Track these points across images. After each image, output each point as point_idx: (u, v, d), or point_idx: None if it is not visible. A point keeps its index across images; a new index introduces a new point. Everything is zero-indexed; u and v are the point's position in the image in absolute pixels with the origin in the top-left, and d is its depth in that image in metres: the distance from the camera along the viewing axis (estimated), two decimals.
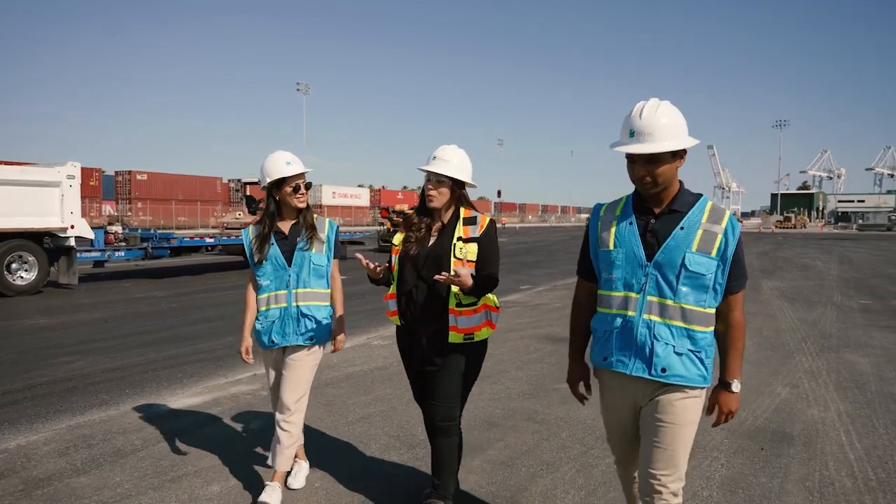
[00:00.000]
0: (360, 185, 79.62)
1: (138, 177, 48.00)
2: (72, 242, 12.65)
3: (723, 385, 2.24)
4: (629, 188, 2.27)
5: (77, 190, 12.88)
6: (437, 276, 2.64)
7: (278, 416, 3.22)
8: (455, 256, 2.81)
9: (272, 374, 3.35)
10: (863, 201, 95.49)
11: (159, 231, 17.40)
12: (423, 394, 3.02)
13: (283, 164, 3.15)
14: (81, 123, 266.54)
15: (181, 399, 5.07)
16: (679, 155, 2.16)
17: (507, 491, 3.39)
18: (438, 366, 2.86)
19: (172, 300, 11.14)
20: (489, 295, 2.90)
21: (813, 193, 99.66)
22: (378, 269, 2.85)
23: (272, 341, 3.20)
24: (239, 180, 56.15)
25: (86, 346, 7.17)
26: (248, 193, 23.13)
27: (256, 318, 3.27)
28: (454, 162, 2.87)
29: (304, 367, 3.23)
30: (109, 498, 3.29)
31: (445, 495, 2.98)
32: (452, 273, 2.65)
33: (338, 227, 3.44)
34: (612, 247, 2.25)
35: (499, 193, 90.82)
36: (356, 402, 4.92)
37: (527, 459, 3.79)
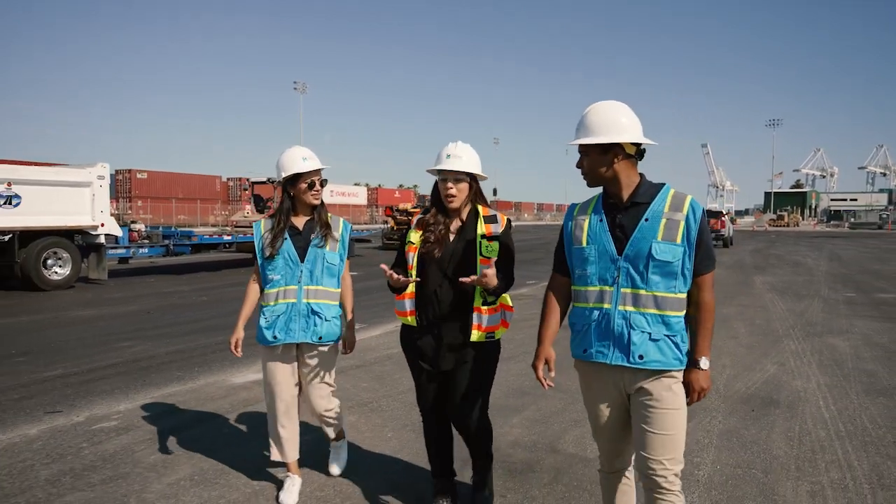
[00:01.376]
0: (356, 184, 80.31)
1: (138, 175, 48.44)
2: (101, 240, 13.35)
3: (692, 363, 2.28)
4: None
5: (106, 190, 13.56)
6: (462, 280, 2.66)
7: (314, 408, 3.33)
8: (481, 254, 2.81)
9: (270, 370, 3.24)
10: (855, 200, 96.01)
11: (180, 229, 18.00)
12: (432, 397, 3.02)
13: (299, 160, 3.14)
14: (80, 123, 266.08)
15: (246, 375, 5.79)
16: (611, 151, 2.25)
17: (545, 440, 4.14)
18: (457, 364, 2.87)
19: (200, 294, 11.83)
20: (504, 294, 2.91)
21: (806, 192, 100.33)
22: (404, 281, 2.81)
23: (276, 337, 3.15)
24: (244, 179, 56.84)
25: (140, 333, 7.87)
26: (255, 192, 23.73)
27: (261, 314, 3.21)
28: (466, 157, 2.85)
29: (324, 365, 3.27)
30: (221, 444, 4.02)
31: (487, 476, 3.17)
32: (480, 274, 2.66)
33: (351, 226, 3.44)
34: (585, 244, 2.34)
35: (494, 192, 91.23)
36: (402, 377, 5.66)
37: (558, 418, 4.55)
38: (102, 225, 13.28)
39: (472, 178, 2.89)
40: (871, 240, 36.29)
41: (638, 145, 2.29)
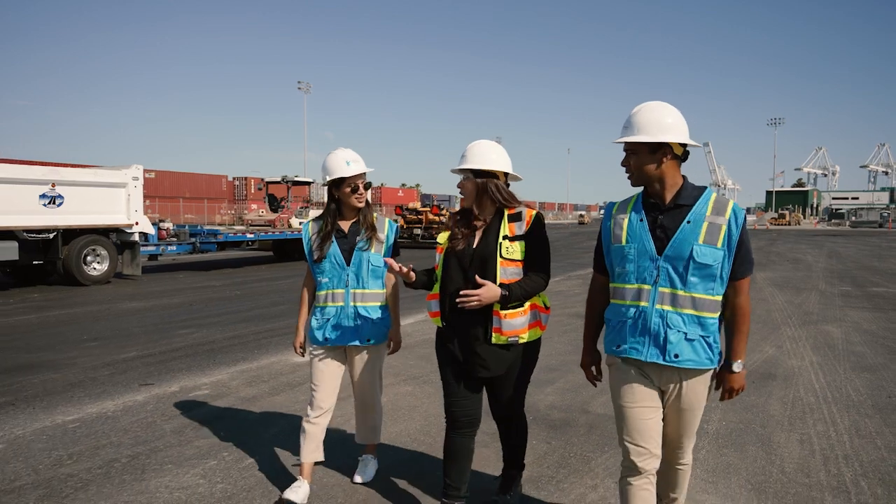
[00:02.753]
0: None
1: (147, 175, 48.94)
2: (136, 237, 14.10)
3: (726, 366, 2.37)
4: (625, 185, 2.39)
5: (140, 190, 14.29)
6: (458, 300, 2.66)
7: (360, 409, 3.46)
8: (501, 256, 2.75)
9: (319, 370, 3.27)
10: (857, 198, 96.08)
11: (206, 227, 18.75)
12: (457, 397, 2.89)
13: (342, 164, 3.15)
14: (85, 121, 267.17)
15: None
16: (660, 151, 2.27)
17: (577, 404, 4.86)
18: (490, 370, 2.80)
19: (232, 289, 12.52)
20: (541, 295, 2.86)
21: (807, 191, 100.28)
22: (409, 272, 2.78)
23: (326, 338, 3.22)
24: (249, 178, 57.69)
25: (193, 322, 8.59)
26: (269, 192, 24.39)
27: (313, 315, 3.30)
28: (470, 155, 2.82)
29: (371, 366, 3.33)
30: (300, 410, 4.75)
31: (522, 464, 3.18)
32: (474, 295, 2.63)
33: (398, 227, 3.43)
34: (624, 242, 2.37)
35: None
36: None
37: (586, 388, 5.27)
38: (137, 223, 14.02)
39: (482, 175, 2.79)
40: (872, 238, 36.96)
41: (684, 146, 2.33)
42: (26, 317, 9.14)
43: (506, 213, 2.83)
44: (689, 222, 2.26)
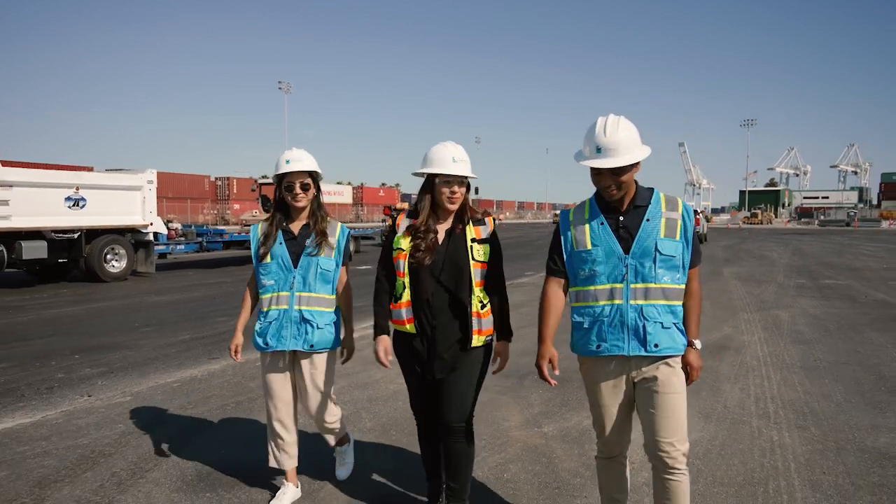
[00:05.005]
0: (339, 183, 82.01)
1: None
2: (150, 237, 15.08)
3: (689, 345, 2.51)
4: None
5: (154, 192, 15.25)
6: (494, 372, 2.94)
7: (315, 417, 3.29)
8: (473, 259, 2.83)
9: (266, 377, 3.22)
10: (827, 198, 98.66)
11: (212, 227, 19.70)
12: (426, 401, 2.99)
13: (282, 162, 3.09)
14: (85, 121, 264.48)
15: None
16: (635, 165, 2.42)
17: (571, 367, 6.06)
18: (451, 371, 2.85)
19: (242, 285, 13.55)
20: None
21: (779, 190, 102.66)
22: (388, 356, 2.93)
23: (267, 343, 3.12)
24: (231, 178, 58.31)
25: (223, 312, 9.64)
26: (262, 193, 25.27)
27: (258, 319, 3.20)
28: (468, 160, 2.87)
29: (320, 376, 3.20)
30: (342, 376, 5.89)
31: (464, 498, 3.02)
32: (498, 365, 2.96)
33: (349, 232, 3.35)
34: (590, 246, 2.48)
35: (476, 190, 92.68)
36: None
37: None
38: (151, 224, 14.99)
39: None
40: (837, 236, 38.80)
41: None
42: (70, 309, 10.15)
43: (468, 216, 2.90)
44: (647, 220, 2.45)
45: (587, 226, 2.52)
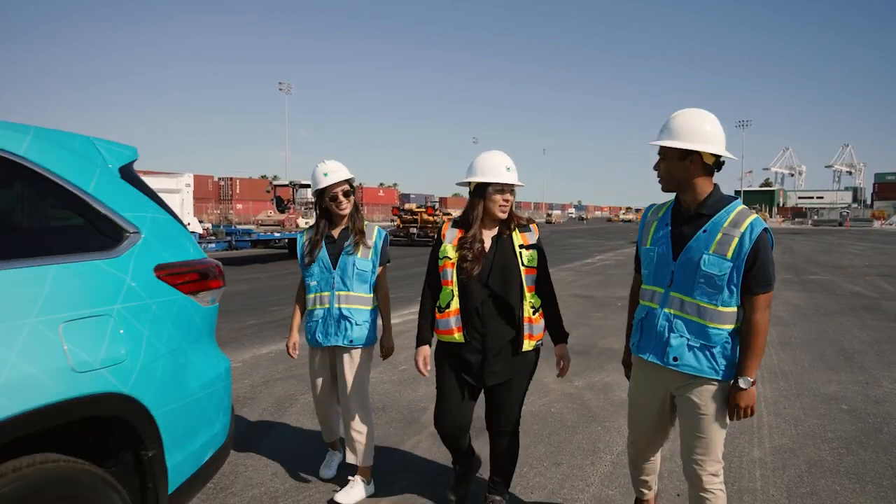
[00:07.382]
0: None
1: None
2: None
3: (735, 379, 2.30)
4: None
5: (191, 195, 16.53)
6: (560, 376, 2.95)
7: (344, 419, 3.41)
8: (523, 265, 2.85)
9: (316, 372, 3.50)
10: (821, 198, 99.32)
11: (240, 227, 20.81)
12: (457, 419, 2.97)
13: (321, 176, 3.28)
14: (85, 121, 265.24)
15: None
16: (689, 158, 2.26)
17: (589, 342, 7.33)
18: (508, 380, 2.89)
19: (279, 279, 14.56)
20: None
21: (774, 190, 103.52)
22: (427, 364, 3.01)
23: (316, 340, 3.38)
24: (270, 181, 58.95)
25: (275, 302, 10.77)
26: (277, 195, 26.29)
27: (305, 318, 3.45)
28: (516, 168, 2.91)
29: (354, 370, 3.34)
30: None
31: (505, 492, 3.12)
32: (561, 369, 2.94)
33: (387, 234, 3.50)
34: (649, 245, 2.46)
35: None
36: None
37: (594, 334, 7.73)
38: (188, 224, 16.21)
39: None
40: (829, 236, 39.95)
41: (717, 157, 2.29)
42: None
43: (514, 222, 2.93)
44: (704, 231, 2.29)
45: (654, 225, 2.51)
